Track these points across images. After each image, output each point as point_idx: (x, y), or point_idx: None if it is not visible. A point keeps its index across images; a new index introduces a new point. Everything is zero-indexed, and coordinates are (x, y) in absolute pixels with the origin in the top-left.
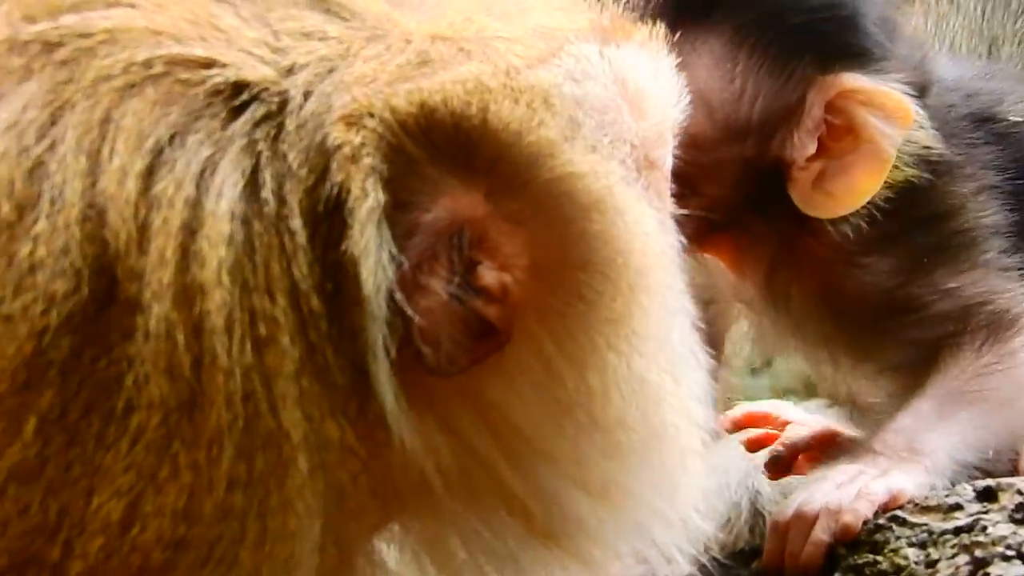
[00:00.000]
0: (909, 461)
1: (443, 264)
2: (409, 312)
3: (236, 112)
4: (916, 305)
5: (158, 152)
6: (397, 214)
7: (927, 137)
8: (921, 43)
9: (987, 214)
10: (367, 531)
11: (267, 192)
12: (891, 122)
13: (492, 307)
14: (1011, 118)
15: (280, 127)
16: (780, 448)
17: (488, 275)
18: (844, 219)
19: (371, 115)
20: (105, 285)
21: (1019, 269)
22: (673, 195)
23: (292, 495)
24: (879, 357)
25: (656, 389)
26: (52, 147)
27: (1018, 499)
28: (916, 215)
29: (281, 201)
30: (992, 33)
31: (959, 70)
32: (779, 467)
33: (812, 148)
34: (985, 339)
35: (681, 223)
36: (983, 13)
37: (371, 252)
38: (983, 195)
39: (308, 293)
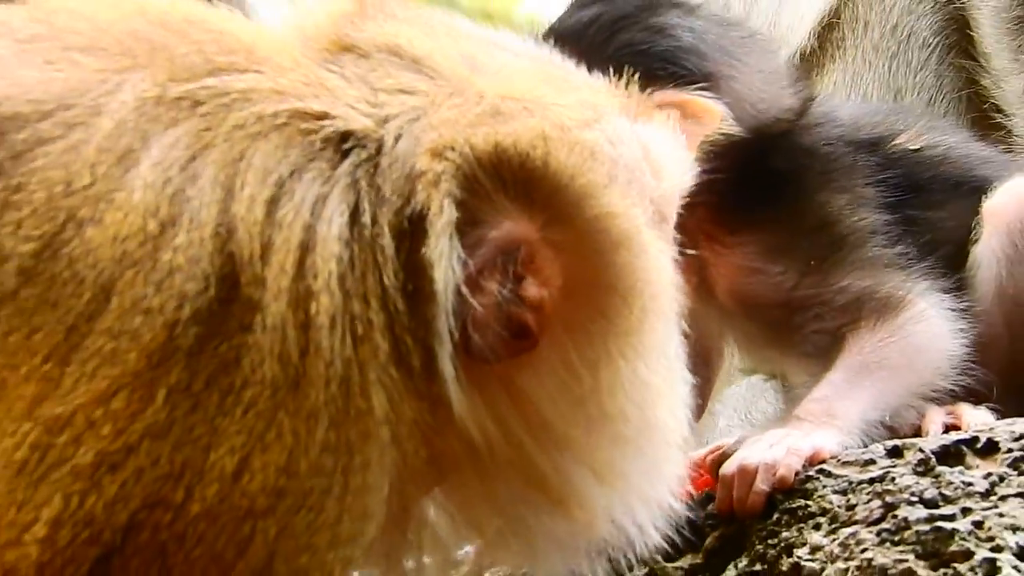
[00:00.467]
0: (827, 424)
1: (499, 272)
2: (472, 303)
3: (343, 155)
4: (815, 302)
5: (280, 185)
6: (468, 229)
7: (733, 128)
8: (800, 84)
9: (863, 219)
10: (421, 491)
11: (366, 218)
12: (697, 121)
13: (531, 314)
14: (908, 145)
15: (376, 165)
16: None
17: (532, 288)
18: (743, 233)
19: (452, 149)
20: (229, 288)
21: (898, 261)
22: None
23: (371, 459)
24: (794, 348)
25: (653, 391)
26: (192, 179)
27: (920, 456)
28: (800, 226)
29: (376, 224)
30: (897, 85)
31: (860, 110)
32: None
33: None
34: (877, 320)
35: None
36: (889, 69)
37: (444, 256)
38: (858, 204)
39: (394, 295)
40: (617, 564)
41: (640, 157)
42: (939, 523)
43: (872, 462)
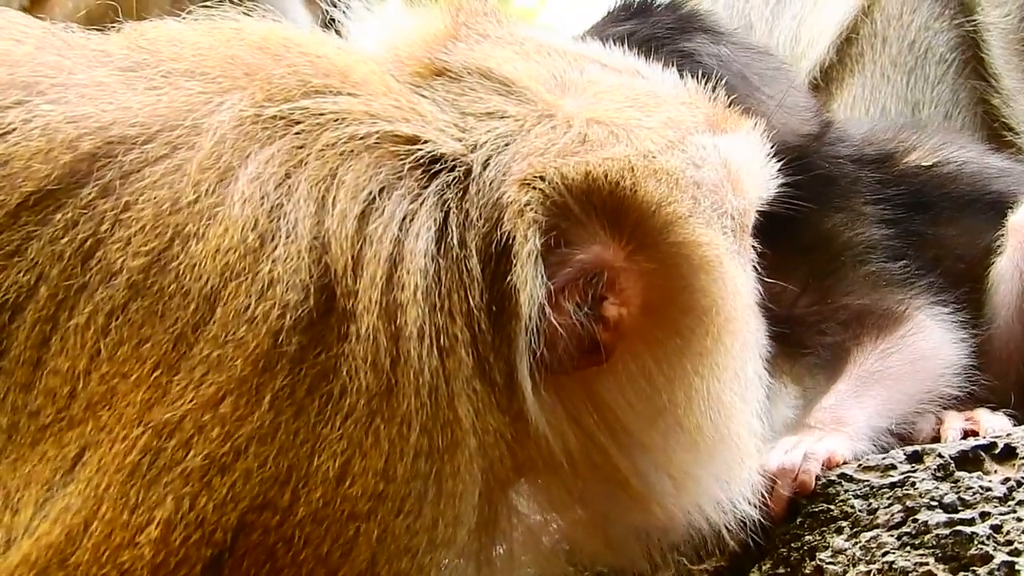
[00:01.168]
0: (836, 431)
1: (579, 292)
2: (552, 322)
3: (432, 177)
4: (818, 318)
5: (371, 201)
6: (556, 249)
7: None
8: (817, 109)
9: (861, 235)
10: (508, 494)
11: (452, 238)
12: None
13: (605, 333)
14: (921, 163)
15: (465, 189)
16: None
17: (611, 309)
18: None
19: (542, 179)
20: (325, 299)
21: (898, 276)
22: None
23: (461, 466)
24: (801, 360)
25: (727, 407)
26: (288, 193)
27: (939, 461)
28: (800, 244)
29: (463, 245)
30: (914, 99)
31: (873, 127)
32: None
33: None
34: (879, 333)
35: None
36: (907, 83)
37: (528, 282)
38: (856, 221)
39: (479, 315)
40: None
41: (722, 176)
42: (959, 527)
43: (892, 467)
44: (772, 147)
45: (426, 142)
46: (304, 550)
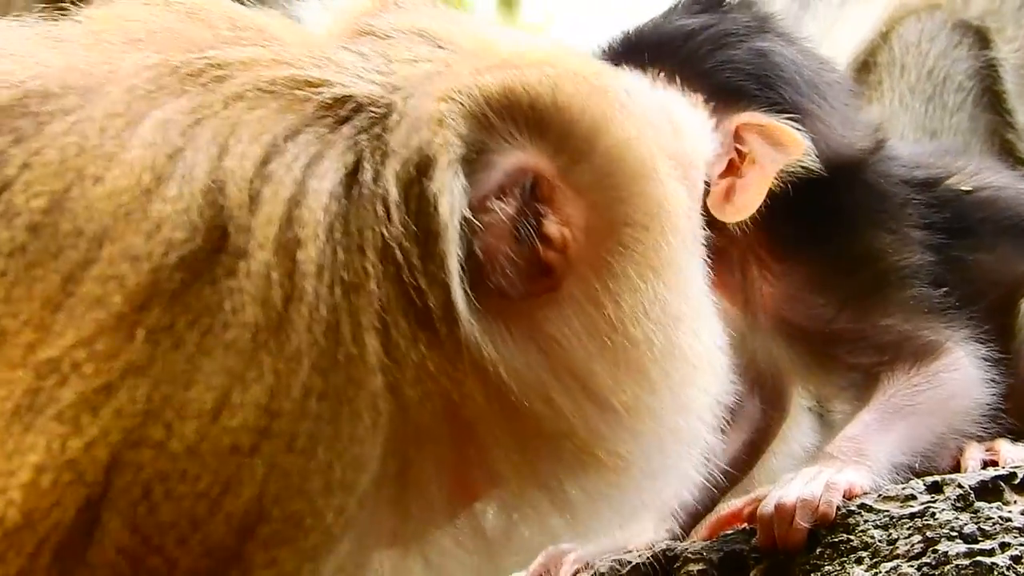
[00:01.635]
0: (858, 463)
1: (513, 199)
2: (485, 238)
3: (344, 120)
4: (854, 337)
5: (274, 144)
6: (476, 157)
7: (812, 162)
8: (874, 125)
9: (908, 259)
10: (429, 446)
11: (366, 175)
12: (779, 148)
13: (552, 254)
14: (961, 187)
15: (385, 127)
16: None
17: (553, 227)
18: (790, 262)
19: (461, 92)
20: (217, 238)
21: (938, 305)
22: None
23: (363, 408)
24: (830, 381)
25: (675, 313)
26: (191, 139)
27: (959, 491)
28: (846, 261)
29: (379, 179)
30: (932, 127)
31: (918, 149)
32: None
33: (721, 167)
34: (913, 364)
35: None
36: (926, 111)
37: (447, 189)
38: (904, 244)
39: (402, 242)
40: None
41: (660, 112)
42: (978, 558)
43: (912, 497)
44: (831, 158)
45: (334, 84)
46: (182, 486)
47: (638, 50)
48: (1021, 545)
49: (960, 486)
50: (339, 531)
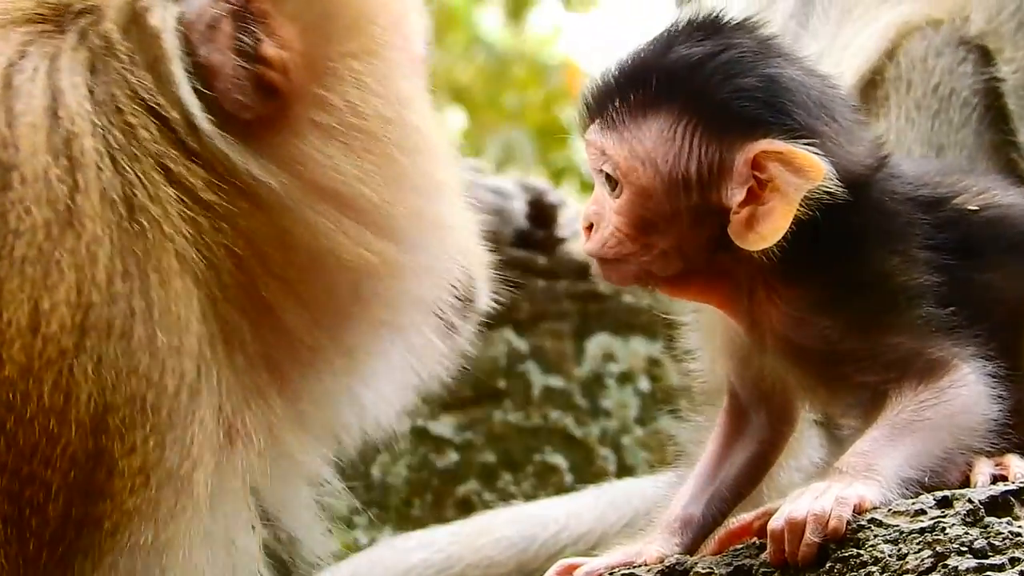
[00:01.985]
0: (868, 478)
1: (228, 24)
2: (208, 58)
3: (70, 24)
4: (861, 356)
5: (10, 64)
6: None
7: (834, 185)
8: (876, 140)
9: (915, 279)
10: (244, 302)
11: (102, 62)
12: (801, 174)
13: (274, 74)
14: (967, 207)
15: (103, 16)
16: None
17: (270, 50)
18: (795, 285)
19: None
20: None
21: (945, 323)
22: (643, 242)
23: (171, 272)
24: (838, 398)
25: (407, 96)
26: None
27: (969, 506)
28: (852, 281)
29: (113, 53)
30: (939, 142)
31: (922, 167)
32: None
33: (741, 196)
34: (920, 381)
35: (663, 266)
36: (932, 127)
37: (163, 21)
38: (911, 264)
39: (157, 98)
40: None
41: None
42: (988, 573)
43: (922, 512)
44: (841, 177)
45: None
46: (28, 407)
47: (643, 81)
48: None
49: (970, 501)
50: (187, 397)
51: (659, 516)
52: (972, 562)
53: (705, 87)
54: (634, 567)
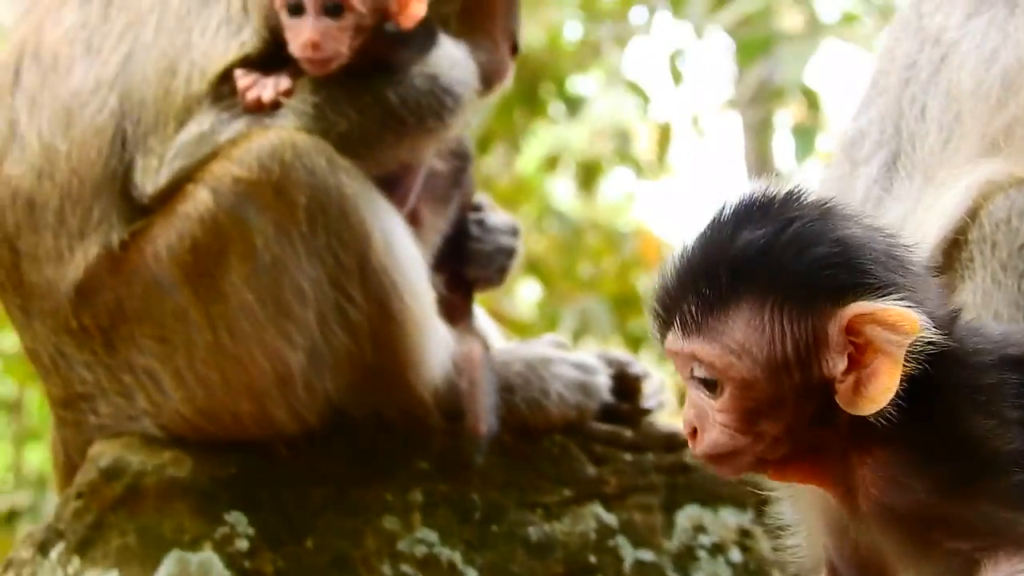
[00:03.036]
0: None
1: None
2: None
3: None
4: (954, 522)
5: None
6: None
7: (933, 335)
8: (944, 290)
9: (1010, 444)
10: None
11: None
12: (898, 331)
13: None
14: None
15: None
16: None
17: None
18: (887, 447)
19: None
20: None
21: None
22: (754, 432)
23: None
24: (930, 565)
25: None
26: None
27: None
28: (945, 444)
29: None
30: None
31: (1009, 328)
32: None
33: (843, 365)
34: (1016, 552)
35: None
36: (1019, 288)
37: None
38: (1002, 426)
39: None
40: None
41: None
42: None
43: None
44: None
45: None
46: None
47: (714, 276)
48: None
49: None
50: None
51: None
52: None
53: (780, 267)
54: None
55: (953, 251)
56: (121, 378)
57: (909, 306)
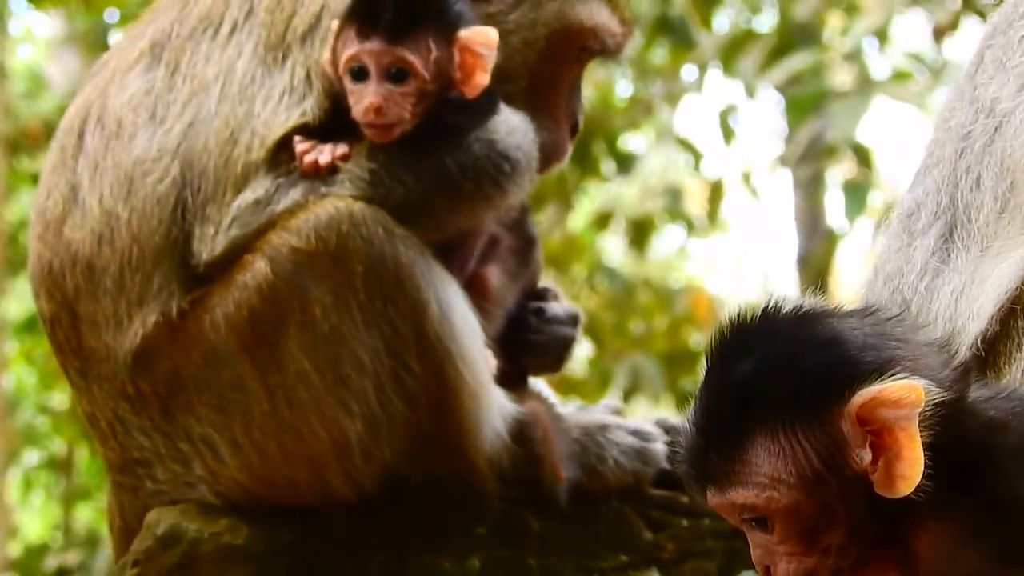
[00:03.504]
0: None
1: None
2: None
3: None
4: None
5: None
6: None
7: (941, 396)
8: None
9: None
10: None
11: None
12: (904, 404)
13: None
14: None
15: None
16: None
17: None
18: (940, 520)
19: None
20: None
21: None
22: (819, 549)
23: None
24: None
25: None
26: None
27: None
28: (998, 511)
29: None
30: None
31: None
32: None
33: (869, 455)
34: None
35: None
36: None
37: None
38: None
39: None
40: None
41: None
42: None
43: None
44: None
45: None
46: None
47: (721, 420)
48: None
49: None
50: None
51: None
52: None
53: (777, 390)
54: None
55: (1010, 319)
56: (178, 445)
57: (906, 377)
